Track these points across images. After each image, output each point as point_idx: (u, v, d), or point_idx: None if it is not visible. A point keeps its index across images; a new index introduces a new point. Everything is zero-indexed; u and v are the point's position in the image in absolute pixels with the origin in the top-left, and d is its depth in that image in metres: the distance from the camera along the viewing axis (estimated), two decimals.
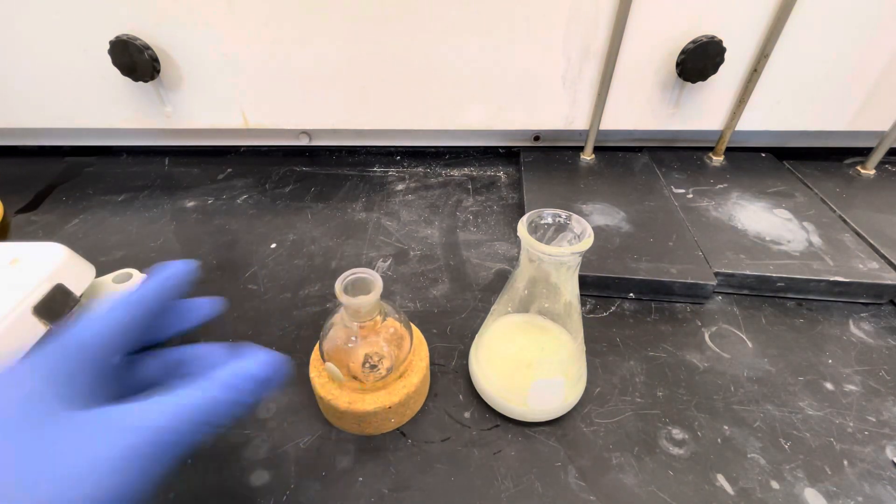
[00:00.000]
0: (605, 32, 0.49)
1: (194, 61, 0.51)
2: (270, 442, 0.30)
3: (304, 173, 0.59)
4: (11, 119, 0.56)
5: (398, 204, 0.53)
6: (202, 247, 0.47)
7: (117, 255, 0.46)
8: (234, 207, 0.52)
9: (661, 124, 0.56)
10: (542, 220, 0.28)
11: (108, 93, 0.53)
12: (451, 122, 0.57)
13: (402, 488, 0.28)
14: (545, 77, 0.52)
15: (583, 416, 0.32)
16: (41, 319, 0.27)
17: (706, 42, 0.47)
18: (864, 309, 0.40)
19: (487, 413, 0.32)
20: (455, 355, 0.36)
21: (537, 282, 0.29)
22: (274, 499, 0.27)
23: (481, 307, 0.40)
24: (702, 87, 0.52)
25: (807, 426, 0.31)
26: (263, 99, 0.55)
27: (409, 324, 0.32)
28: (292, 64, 0.52)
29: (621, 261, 0.41)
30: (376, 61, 0.51)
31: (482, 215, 0.52)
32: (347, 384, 0.29)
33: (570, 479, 0.28)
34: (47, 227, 0.50)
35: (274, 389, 0.23)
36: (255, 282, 0.42)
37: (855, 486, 0.28)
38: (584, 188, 0.52)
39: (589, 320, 0.39)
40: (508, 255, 0.46)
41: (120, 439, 0.17)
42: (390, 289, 0.42)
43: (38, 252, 0.30)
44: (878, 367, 0.35)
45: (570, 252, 0.26)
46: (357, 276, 0.27)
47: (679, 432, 0.31)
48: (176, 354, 0.23)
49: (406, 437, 0.31)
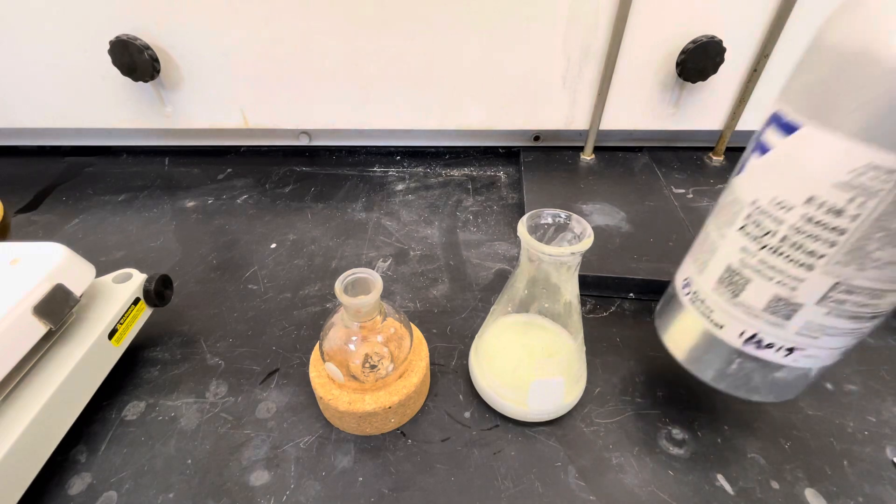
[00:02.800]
0: (605, 32, 0.49)
1: (194, 61, 0.51)
2: (270, 442, 0.30)
3: (304, 173, 0.59)
4: (11, 119, 0.56)
5: (398, 204, 0.53)
6: (202, 247, 0.47)
7: (117, 255, 0.46)
8: (234, 207, 0.52)
9: (661, 124, 0.56)
10: (542, 220, 0.28)
11: (108, 93, 0.53)
12: (451, 122, 0.57)
13: (402, 488, 0.28)
14: (545, 77, 0.52)
15: (583, 416, 0.32)
16: (41, 319, 0.27)
17: (706, 42, 0.47)
18: None
19: (487, 413, 0.32)
20: (455, 355, 0.36)
21: (537, 282, 0.29)
22: (274, 499, 0.27)
23: (481, 307, 0.40)
24: (702, 87, 0.52)
25: (807, 426, 0.31)
26: (263, 99, 0.55)
27: (409, 324, 0.32)
28: (292, 64, 0.52)
29: (621, 261, 0.41)
30: (376, 61, 0.51)
31: (482, 215, 0.52)
32: (347, 384, 0.29)
33: (570, 479, 0.28)
34: (47, 227, 0.50)
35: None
36: (255, 282, 0.42)
37: (855, 486, 0.28)
38: (584, 188, 0.52)
39: (589, 320, 0.39)
40: (508, 255, 0.46)
41: None
42: (390, 289, 0.42)
43: (38, 252, 0.30)
44: (878, 367, 0.35)
45: (570, 252, 0.26)
46: (357, 276, 0.27)
47: (679, 432, 0.31)
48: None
49: (406, 437, 0.31)
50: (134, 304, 0.33)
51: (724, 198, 0.25)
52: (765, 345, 0.23)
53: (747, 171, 0.23)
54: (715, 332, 0.25)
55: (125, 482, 0.28)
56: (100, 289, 0.33)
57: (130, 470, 0.29)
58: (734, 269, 0.23)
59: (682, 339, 0.27)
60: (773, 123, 0.21)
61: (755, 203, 0.22)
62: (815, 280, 0.20)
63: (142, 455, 0.30)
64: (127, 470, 0.29)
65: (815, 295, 0.21)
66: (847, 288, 0.20)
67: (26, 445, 0.25)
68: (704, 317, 0.25)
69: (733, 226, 0.23)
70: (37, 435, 0.26)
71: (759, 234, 0.22)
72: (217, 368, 0.35)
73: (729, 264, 0.23)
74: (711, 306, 0.25)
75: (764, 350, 0.23)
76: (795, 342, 0.22)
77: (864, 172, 0.18)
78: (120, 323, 0.32)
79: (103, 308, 0.32)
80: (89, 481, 0.28)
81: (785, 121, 0.20)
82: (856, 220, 0.19)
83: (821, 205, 0.19)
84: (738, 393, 0.26)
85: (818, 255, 0.20)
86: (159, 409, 0.32)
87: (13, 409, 0.26)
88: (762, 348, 0.23)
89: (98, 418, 0.32)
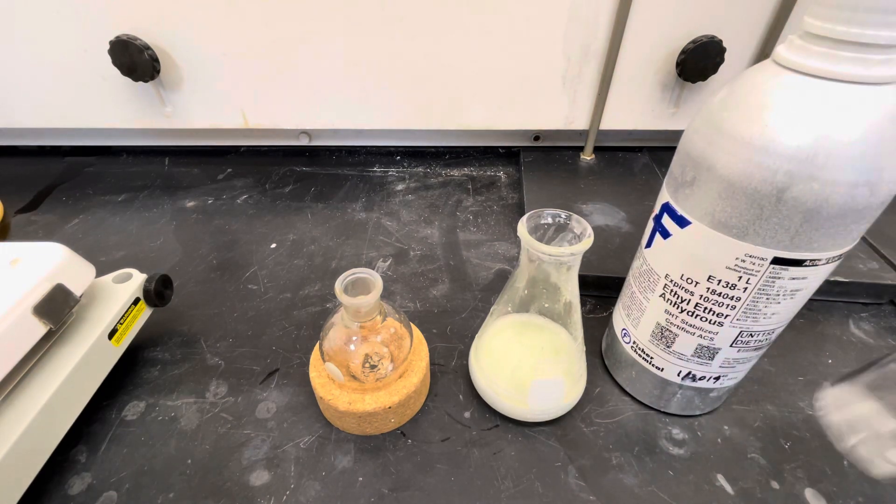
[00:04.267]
0: (605, 32, 0.49)
1: (194, 61, 0.51)
2: (270, 442, 0.30)
3: (304, 173, 0.59)
4: (11, 119, 0.56)
5: (398, 204, 0.53)
6: (202, 247, 0.47)
7: (117, 255, 0.46)
8: (234, 207, 0.52)
9: (661, 124, 0.56)
10: (542, 220, 0.28)
11: (108, 93, 0.53)
12: (451, 122, 0.57)
13: (402, 488, 0.28)
14: (545, 77, 0.52)
15: (583, 416, 0.32)
16: (41, 319, 0.27)
17: (706, 42, 0.47)
18: (864, 309, 0.40)
19: (487, 413, 0.32)
20: (455, 355, 0.36)
21: (537, 282, 0.29)
22: (274, 499, 0.27)
23: (481, 307, 0.40)
24: (702, 87, 0.52)
25: (807, 426, 0.31)
26: (263, 99, 0.55)
27: (409, 324, 0.32)
28: (292, 64, 0.52)
29: (621, 261, 0.41)
30: (376, 61, 0.51)
31: (482, 215, 0.52)
32: (347, 384, 0.29)
33: (570, 479, 0.28)
34: (47, 227, 0.50)
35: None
36: (255, 282, 0.42)
37: (855, 486, 0.28)
38: (584, 188, 0.52)
39: (589, 320, 0.39)
40: (508, 255, 0.46)
41: None
42: (390, 289, 0.42)
43: (38, 252, 0.30)
44: None
45: (570, 252, 0.26)
46: (357, 276, 0.27)
47: (679, 432, 0.31)
48: None
49: (406, 437, 0.31)
50: (134, 304, 0.33)
51: (640, 266, 0.29)
52: (698, 378, 0.29)
53: (655, 248, 0.27)
54: (657, 374, 0.30)
55: (125, 482, 0.28)
56: (100, 289, 0.33)
57: (130, 470, 0.29)
58: (663, 326, 0.28)
59: (632, 379, 0.33)
60: (667, 212, 0.26)
61: (668, 276, 0.27)
62: (725, 332, 0.26)
63: (142, 455, 0.30)
64: (127, 470, 0.29)
65: (728, 341, 0.26)
66: (749, 333, 0.26)
67: (26, 445, 0.25)
68: (646, 362, 0.30)
69: (654, 292, 0.28)
70: (37, 435, 0.26)
71: (676, 300, 0.27)
72: (217, 368, 0.35)
73: (658, 322, 0.28)
74: (651, 354, 0.30)
75: (698, 381, 0.29)
76: (720, 372, 0.28)
77: (745, 259, 0.23)
78: (120, 323, 0.32)
79: (103, 308, 0.32)
80: (89, 481, 0.28)
81: (677, 214, 0.25)
82: (746, 290, 0.24)
83: (719, 281, 0.24)
84: (683, 412, 0.32)
85: (724, 315, 0.25)
86: (159, 409, 0.32)
87: (13, 409, 0.26)
88: (696, 381, 0.29)
89: (98, 418, 0.32)
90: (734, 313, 0.25)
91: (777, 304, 0.24)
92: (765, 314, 0.25)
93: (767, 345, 0.27)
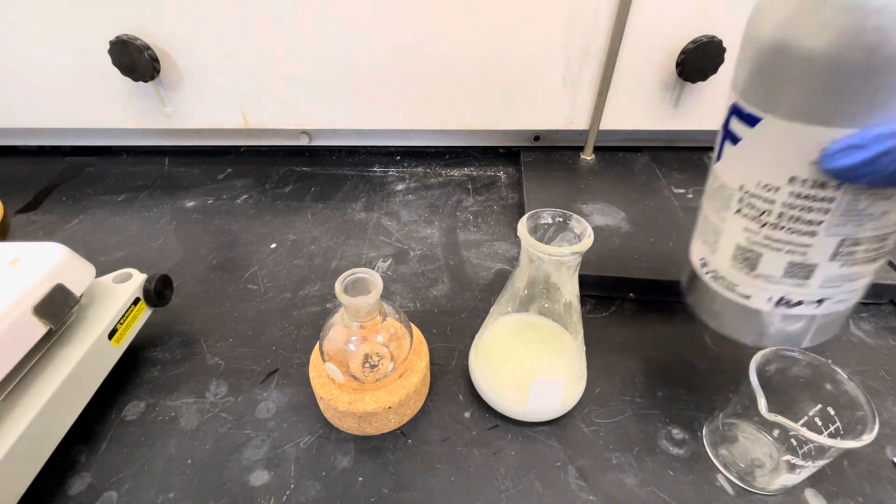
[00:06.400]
0: (605, 32, 0.49)
1: (194, 61, 0.51)
2: (270, 442, 0.30)
3: (304, 173, 0.59)
4: (11, 119, 0.56)
5: (398, 204, 0.53)
6: (202, 247, 0.47)
7: (117, 255, 0.46)
8: (234, 207, 0.52)
9: (661, 124, 0.56)
10: (542, 220, 0.28)
11: (108, 93, 0.53)
12: (451, 122, 0.57)
13: (402, 488, 0.28)
14: (545, 77, 0.52)
15: (583, 416, 0.32)
16: (41, 319, 0.27)
17: (706, 42, 0.47)
18: (864, 309, 0.40)
19: (487, 413, 0.32)
20: (455, 355, 0.36)
21: (537, 282, 0.29)
22: (274, 499, 0.27)
23: (481, 307, 0.40)
24: (702, 87, 0.52)
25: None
26: (263, 99, 0.55)
27: (409, 324, 0.32)
28: (292, 64, 0.52)
29: (621, 261, 0.41)
30: (376, 61, 0.51)
31: (482, 215, 0.52)
32: (347, 384, 0.29)
33: (570, 479, 0.28)
34: (47, 227, 0.50)
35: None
36: (255, 282, 0.42)
37: (855, 486, 0.28)
38: (584, 188, 0.52)
39: (589, 320, 0.39)
40: (508, 255, 0.46)
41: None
42: (390, 289, 0.42)
43: (38, 252, 0.30)
44: (878, 367, 0.35)
45: (570, 252, 0.26)
46: (357, 276, 0.27)
47: (679, 432, 0.31)
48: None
49: (406, 437, 0.31)
50: (134, 304, 0.33)
51: (711, 183, 0.26)
52: (794, 303, 0.24)
53: (725, 159, 0.24)
54: (744, 303, 0.26)
55: (125, 482, 0.28)
56: (100, 289, 0.33)
57: (130, 470, 0.29)
58: (744, 246, 0.24)
59: (716, 313, 0.28)
60: (734, 115, 0.23)
61: (743, 188, 0.23)
62: (821, 242, 0.22)
63: (142, 455, 0.30)
64: (127, 470, 0.29)
65: (826, 254, 0.22)
66: (853, 241, 0.21)
67: (26, 445, 0.25)
68: (730, 291, 0.26)
69: (729, 209, 0.24)
70: (37, 435, 0.26)
71: (755, 214, 0.23)
72: (217, 368, 0.35)
73: (737, 243, 0.24)
74: (734, 281, 0.26)
75: (795, 307, 0.24)
76: (822, 294, 0.24)
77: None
78: (120, 323, 0.32)
79: (103, 308, 0.32)
80: (89, 481, 0.28)
81: (745, 113, 0.22)
82: (840, 187, 0.20)
83: (804, 181, 0.21)
84: (785, 345, 0.27)
85: (817, 223, 0.21)
86: (159, 409, 0.32)
87: (13, 409, 0.26)
88: (793, 306, 0.24)
89: (98, 418, 0.32)
90: (829, 218, 0.21)
91: (885, 199, 0.20)
92: (871, 215, 0.21)
93: (885, 254, 0.23)
